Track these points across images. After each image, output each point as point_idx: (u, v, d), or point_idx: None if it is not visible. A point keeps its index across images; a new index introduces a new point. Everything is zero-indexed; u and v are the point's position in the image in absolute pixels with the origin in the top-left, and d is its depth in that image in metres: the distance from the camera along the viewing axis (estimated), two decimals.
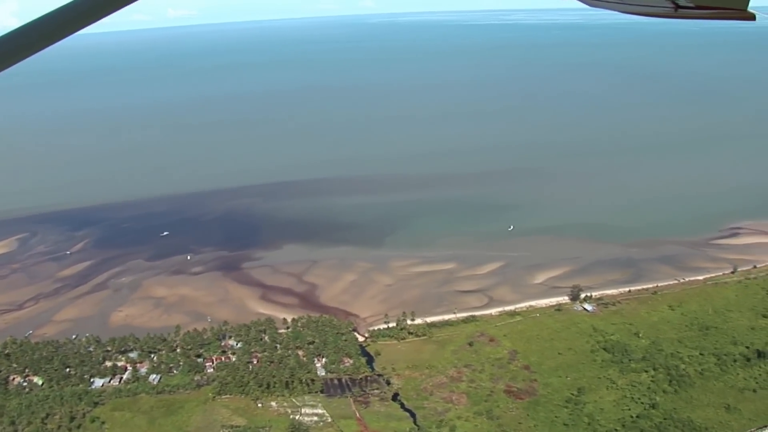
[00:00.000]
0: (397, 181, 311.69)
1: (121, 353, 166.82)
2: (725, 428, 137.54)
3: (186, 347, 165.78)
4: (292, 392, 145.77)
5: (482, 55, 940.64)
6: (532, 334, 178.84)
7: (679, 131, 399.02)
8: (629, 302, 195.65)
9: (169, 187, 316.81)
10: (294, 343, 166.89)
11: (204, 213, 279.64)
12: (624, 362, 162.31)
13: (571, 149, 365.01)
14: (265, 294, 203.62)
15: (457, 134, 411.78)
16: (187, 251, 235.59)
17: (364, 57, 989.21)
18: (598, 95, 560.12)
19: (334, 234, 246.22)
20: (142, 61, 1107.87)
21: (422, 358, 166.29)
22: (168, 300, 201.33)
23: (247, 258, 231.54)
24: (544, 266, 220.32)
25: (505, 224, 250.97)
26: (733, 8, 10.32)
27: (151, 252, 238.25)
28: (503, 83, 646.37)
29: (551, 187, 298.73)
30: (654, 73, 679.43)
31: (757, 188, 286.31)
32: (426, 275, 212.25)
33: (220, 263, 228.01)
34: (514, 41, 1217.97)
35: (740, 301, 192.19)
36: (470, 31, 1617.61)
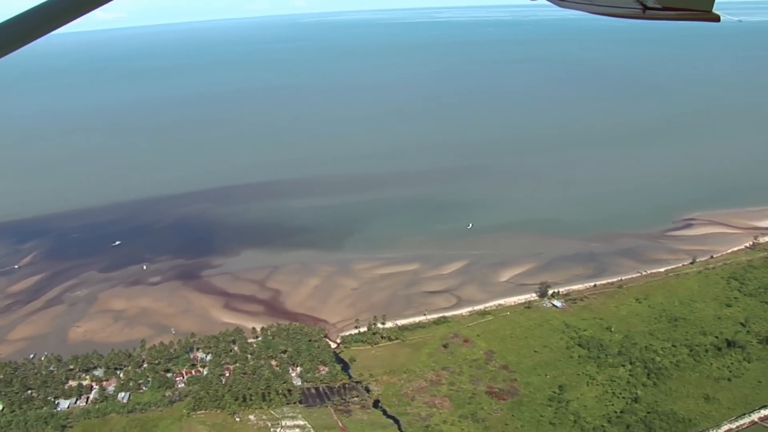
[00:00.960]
0: (349, 182, 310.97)
1: (85, 371, 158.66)
2: (707, 419, 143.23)
3: (153, 362, 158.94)
4: (270, 404, 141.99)
5: (418, 53, 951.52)
6: (505, 333, 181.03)
7: (621, 125, 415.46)
8: (596, 297, 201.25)
9: (116, 195, 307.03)
10: (266, 352, 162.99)
11: (155, 220, 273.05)
12: (601, 357, 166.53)
13: (518, 145, 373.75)
14: (229, 303, 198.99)
15: (402, 133, 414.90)
16: (142, 261, 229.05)
17: (300, 57, 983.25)
18: (537, 91, 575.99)
19: (292, 238, 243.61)
20: (72, 66, 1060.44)
21: (399, 363, 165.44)
22: (128, 313, 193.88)
23: (206, 266, 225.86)
24: (508, 264, 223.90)
25: (462, 222, 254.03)
26: (699, 10, 10.85)
27: (104, 263, 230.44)
28: (442, 81, 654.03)
29: (504, 183, 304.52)
30: (588, 69, 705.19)
31: (704, 179, 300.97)
32: (391, 277, 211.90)
33: (178, 272, 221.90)
34: (448, 39, 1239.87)
35: (703, 292, 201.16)
36: (403, 30, 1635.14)
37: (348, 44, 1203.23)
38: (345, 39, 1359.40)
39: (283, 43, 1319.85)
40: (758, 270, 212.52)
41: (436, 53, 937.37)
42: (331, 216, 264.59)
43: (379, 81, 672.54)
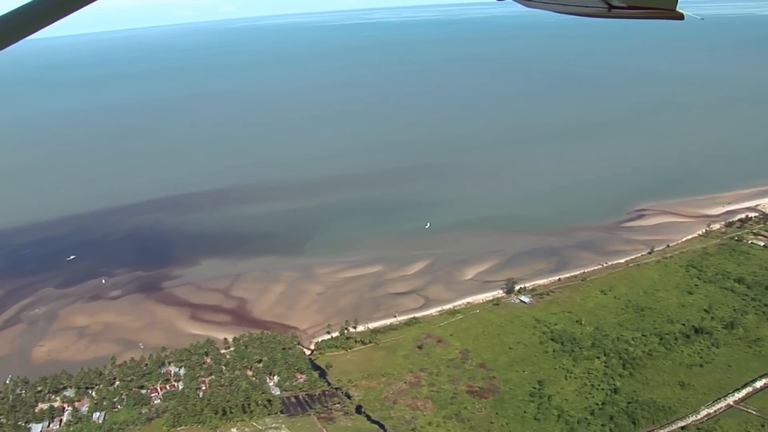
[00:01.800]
0: (301, 186, 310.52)
1: (55, 393, 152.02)
2: (685, 405, 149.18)
3: (126, 379, 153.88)
4: (252, 416, 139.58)
5: (353, 55, 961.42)
6: (477, 331, 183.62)
7: (565, 120, 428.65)
8: (562, 290, 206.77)
9: (65, 207, 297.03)
10: (241, 363, 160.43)
11: (109, 232, 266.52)
12: (575, 351, 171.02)
13: (465, 143, 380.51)
14: (195, 313, 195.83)
15: (348, 135, 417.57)
16: (100, 274, 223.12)
17: (237, 62, 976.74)
18: (478, 89, 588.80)
19: (251, 244, 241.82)
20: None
21: (375, 366, 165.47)
22: (91, 329, 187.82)
23: (166, 277, 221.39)
24: (470, 261, 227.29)
25: (420, 222, 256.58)
26: (663, 8, 11.23)
27: (60, 278, 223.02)
28: (382, 82, 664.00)
29: (456, 181, 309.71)
30: (525, 65, 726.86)
31: (651, 171, 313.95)
32: (355, 280, 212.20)
33: (139, 284, 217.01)
34: (380, 40, 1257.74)
35: (664, 281, 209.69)
36: (335, 32, 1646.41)
37: (282, 48, 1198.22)
38: (278, 43, 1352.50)
39: (217, 48, 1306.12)
40: (714, 257, 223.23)
41: (371, 55, 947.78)
42: (288, 221, 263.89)
43: (318, 84, 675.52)
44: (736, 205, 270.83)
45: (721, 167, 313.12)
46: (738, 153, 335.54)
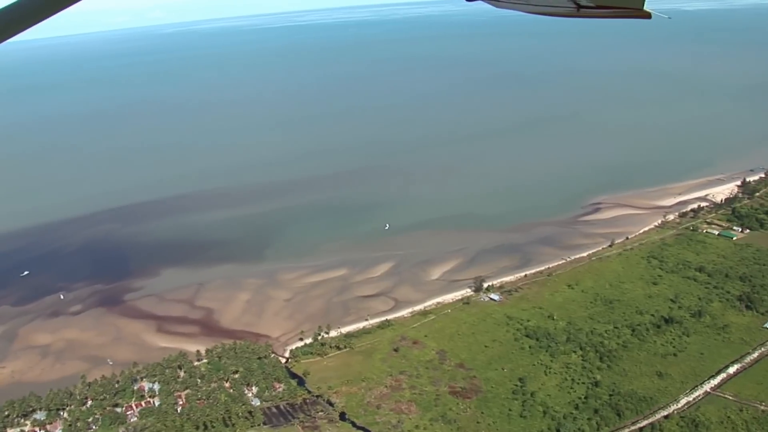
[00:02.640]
0: (255, 191, 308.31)
1: (24, 416, 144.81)
2: (665, 394, 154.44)
3: (98, 398, 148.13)
4: (234, 429, 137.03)
5: (288, 59, 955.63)
6: (451, 331, 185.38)
7: (510, 116, 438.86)
8: (530, 286, 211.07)
9: (12, 222, 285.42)
10: (216, 375, 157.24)
11: (62, 246, 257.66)
12: (551, 346, 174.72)
13: (413, 143, 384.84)
14: (161, 326, 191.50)
15: (293, 139, 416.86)
16: (57, 290, 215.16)
17: (171, 69, 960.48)
18: (418, 88, 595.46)
19: (210, 252, 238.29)
20: None
21: (354, 372, 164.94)
22: (55, 347, 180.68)
23: (127, 289, 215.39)
24: (435, 261, 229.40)
25: (378, 223, 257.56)
26: (631, 7, 11.84)
27: (16, 295, 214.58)
28: (320, 84, 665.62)
29: (409, 181, 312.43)
30: (462, 63, 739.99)
31: (601, 164, 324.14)
32: (321, 285, 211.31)
33: (100, 298, 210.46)
34: (315, 42, 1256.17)
35: (628, 273, 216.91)
36: (268, 35, 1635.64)
37: (215, 53, 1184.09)
38: (211, 48, 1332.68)
39: (151, 55, 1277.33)
40: (672, 247, 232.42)
41: (306, 58, 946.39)
42: (244, 227, 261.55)
43: (255, 89, 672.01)
44: (687, 195, 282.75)
45: (669, 159, 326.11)
46: (683, 145, 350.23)
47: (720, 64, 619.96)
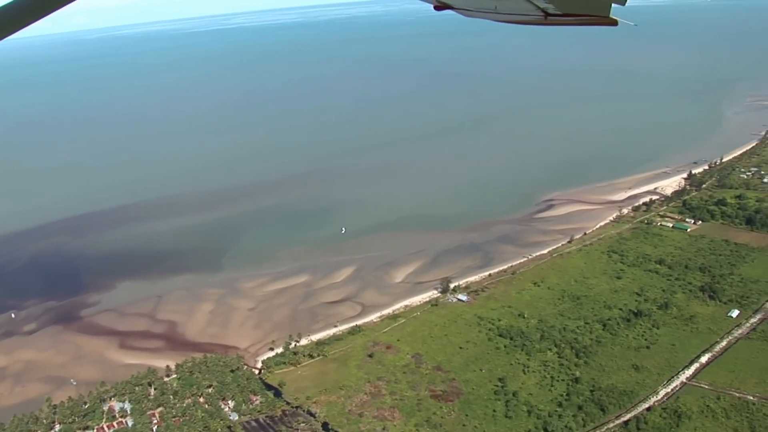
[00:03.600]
0: (204, 199, 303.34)
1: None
2: (644, 387, 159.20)
3: (66, 421, 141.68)
4: None
5: (221, 62, 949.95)
6: (423, 333, 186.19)
7: (454, 115, 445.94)
8: (496, 286, 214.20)
9: None
10: (189, 390, 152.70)
11: (7, 261, 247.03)
12: (526, 345, 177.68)
13: (360, 144, 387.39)
14: (124, 341, 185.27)
15: (238, 143, 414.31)
16: (7, 308, 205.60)
17: (100, 75, 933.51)
18: (357, 90, 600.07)
19: (165, 263, 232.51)
20: None
21: (330, 380, 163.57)
22: (12, 369, 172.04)
23: (83, 304, 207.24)
24: (397, 264, 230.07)
25: (334, 227, 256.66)
26: (597, 15, 12.57)
27: None
28: (257, 88, 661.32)
29: (360, 184, 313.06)
30: (398, 64, 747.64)
31: (548, 161, 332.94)
32: (284, 292, 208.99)
33: (54, 315, 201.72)
34: (245, 45, 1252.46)
35: (590, 268, 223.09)
36: (195, 39, 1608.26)
37: (144, 59, 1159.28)
38: (139, 54, 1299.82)
39: (77, 62, 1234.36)
40: (630, 241, 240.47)
41: (239, 61, 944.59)
42: (199, 235, 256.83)
43: (191, 95, 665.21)
44: (637, 189, 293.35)
45: (615, 155, 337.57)
46: (628, 140, 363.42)
47: (652, 59, 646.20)
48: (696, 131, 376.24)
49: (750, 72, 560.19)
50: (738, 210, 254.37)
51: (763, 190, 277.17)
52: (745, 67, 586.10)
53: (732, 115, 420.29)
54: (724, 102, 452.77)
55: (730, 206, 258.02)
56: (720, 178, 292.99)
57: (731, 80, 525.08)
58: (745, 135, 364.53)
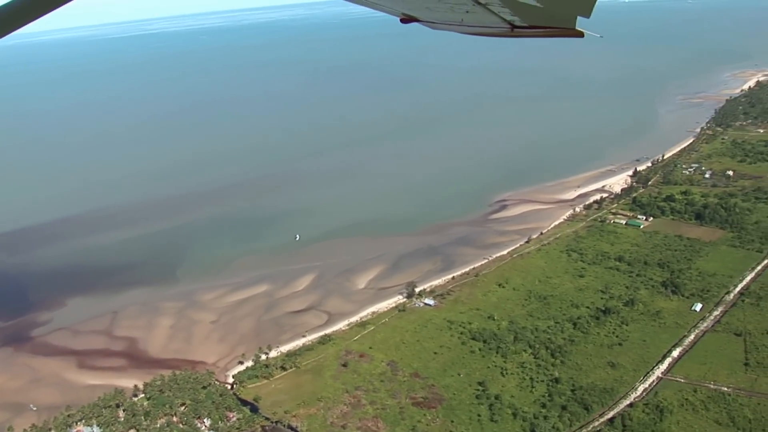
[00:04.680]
0: (147, 208, 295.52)
1: None
2: (622, 384, 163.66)
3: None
4: None
5: (145, 69, 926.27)
6: (395, 340, 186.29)
7: (393, 118, 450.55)
8: (460, 288, 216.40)
9: None
10: (162, 410, 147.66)
11: None
12: (501, 347, 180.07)
13: (301, 149, 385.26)
14: (83, 361, 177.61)
15: (174, 150, 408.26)
16: None
17: (21, 82, 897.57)
18: (291, 94, 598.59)
19: (116, 277, 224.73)
20: None
21: (307, 392, 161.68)
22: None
23: (32, 324, 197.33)
24: (357, 270, 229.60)
25: (287, 234, 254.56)
26: (564, 27, 13.07)
27: None
28: (183, 93, 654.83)
29: (309, 189, 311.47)
30: (329, 67, 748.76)
31: (495, 162, 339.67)
32: (246, 303, 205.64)
33: (2, 337, 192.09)
34: (168, 50, 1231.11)
35: (552, 267, 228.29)
36: (117, 45, 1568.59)
37: (65, 66, 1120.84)
38: (58, 61, 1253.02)
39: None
40: (587, 240, 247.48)
41: (162, 67, 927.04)
42: (148, 247, 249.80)
43: (118, 102, 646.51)
44: (586, 188, 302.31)
45: (560, 154, 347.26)
46: (570, 140, 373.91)
47: (584, 59, 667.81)
48: (634, 129, 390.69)
49: (677, 72, 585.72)
50: (686, 206, 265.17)
51: (705, 186, 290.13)
52: (673, 67, 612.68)
53: (666, 113, 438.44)
54: (657, 101, 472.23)
55: (678, 202, 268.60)
56: (664, 175, 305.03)
57: (661, 79, 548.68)
58: (681, 132, 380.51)
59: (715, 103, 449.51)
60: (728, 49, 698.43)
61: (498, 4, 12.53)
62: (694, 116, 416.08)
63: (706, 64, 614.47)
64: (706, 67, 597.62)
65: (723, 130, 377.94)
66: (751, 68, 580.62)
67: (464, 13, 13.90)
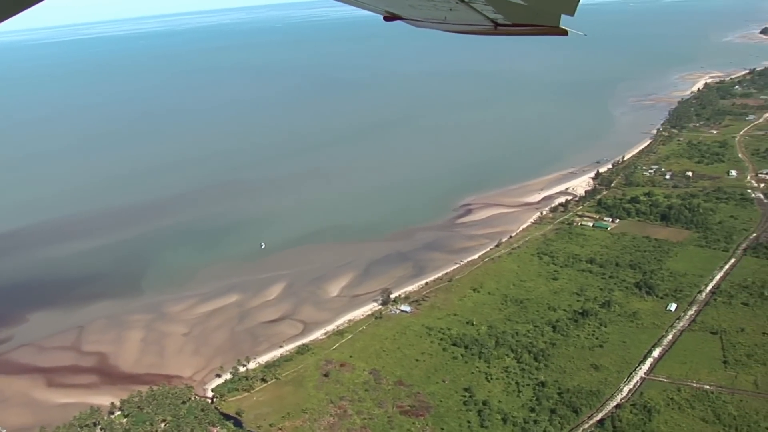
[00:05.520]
0: (107, 217, 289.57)
1: None
2: (607, 385, 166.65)
3: None
4: None
5: (86, 73, 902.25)
6: (375, 348, 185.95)
7: (349, 123, 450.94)
8: (435, 294, 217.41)
9: None
10: (142, 427, 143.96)
11: None
12: (483, 352, 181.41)
13: (260, 155, 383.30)
14: (52, 379, 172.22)
15: (126, 158, 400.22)
16: None
17: None
18: (241, 99, 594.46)
19: (79, 290, 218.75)
20: None
21: (291, 404, 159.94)
22: None
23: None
24: (328, 277, 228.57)
25: (251, 242, 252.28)
26: (547, 25, 13.37)
27: None
28: (129, 100, 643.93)
29: (270, 195, 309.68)
30: (276, 72, 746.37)
31: (454, 166, 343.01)
32: (217, 314, 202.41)
33: None
34: (108, 56, 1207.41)
35: (525, 271, 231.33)
36: (49, 51, 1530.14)
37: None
38: None
39: None
40: (556, 242, 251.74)
41: (102, 72, 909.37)
42: (110, 258, 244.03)
43: (60, 109, 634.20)
44: (549, 190, 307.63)
45: (520, 157, 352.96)
46: (528, 142, 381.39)
47: (530, 61, 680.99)
48: (591, 131, 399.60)
49: (626, 73, 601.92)
50: (651, 207, 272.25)
51: (667, 187, 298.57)
52: (622, 69, 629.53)
53: (620, 115, 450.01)
54: (609, 103, 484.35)
55: (643, 204, 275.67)
56: (626, 176, 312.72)
57: (611, 81, 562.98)
58: (636, 134, 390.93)
59: (667, 105, 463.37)
60: (674, 52, 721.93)
61: (481, 1, 12.75)
62: (647, 118, 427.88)
63: (653, 67, 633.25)
64: (654, 70, 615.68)
65: (678, 132, 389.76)
66: (698, 70, 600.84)
67: (448, 10, 14.11)
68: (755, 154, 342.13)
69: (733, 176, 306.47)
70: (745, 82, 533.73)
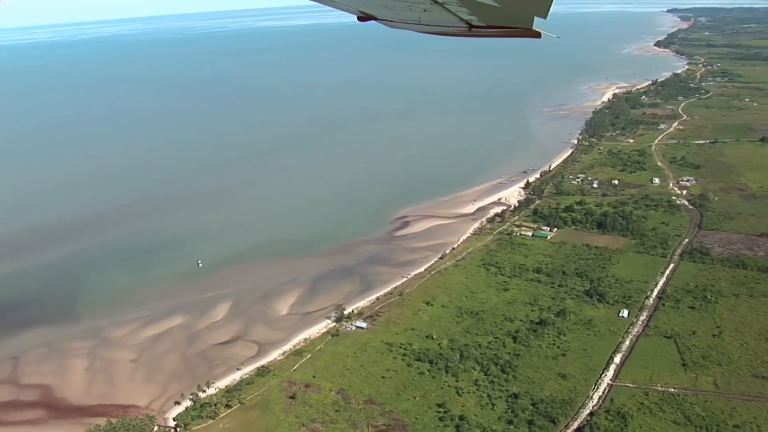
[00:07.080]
0: (26, 237, 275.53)
1: None
2: (577, 394, 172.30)
3: None
4: None
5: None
6: (338, 367, 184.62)
7: (264, 136, 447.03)
8: (389, 309, 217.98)
9: None
10: None
11: None
12: (450, 366, 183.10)
13: (182, 170, 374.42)
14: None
15: (40, 171, 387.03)
16: None
17: None
18: (152, 110, 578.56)
19: (8, 317, 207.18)
20: None
21: (261, 429, 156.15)
22: None
23: None
24: (274, 295, 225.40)
25: (188, 260, 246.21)
26: (521, 27, 14.23)
27: None
28: (30, 113, 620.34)
29: (200, 210, 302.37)
30: (181, 83, 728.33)
31: (381, 178, 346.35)
32: (164, 337, 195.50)
33: None
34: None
35: (474, 283, 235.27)
36: None
37: None
38: None
39: None
40: (500, 253, 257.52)
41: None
42: (37, 280, 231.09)
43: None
44: (482, 201, 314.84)
45: (447, 169, 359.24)
46: (452, 154, 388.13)
47: (436, 72, 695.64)
48: (512, 142, 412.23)
49: (536, 85, 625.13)
50: (585, 215, 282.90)
51: (597, 195, 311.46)
52: (531, 80, 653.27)
53: (537, 125, 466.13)
54: (525, 113, 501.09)
55: (577, 212, 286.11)
56: (556, 185, 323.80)
57: (523, 92, 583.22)
58: (557, 143, 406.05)
59: (581, 115, 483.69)
60: (579, 63, 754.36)
61: (455, 3, 13.27)
62: (565, 128, 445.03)
63: (561, 78, 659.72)
64: (562, 80, 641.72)
65: (597, 141, 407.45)
66: (605, 81, 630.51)
67: (422, 11, 14.86)
68: (673, 162, 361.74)
69: (656, 184, 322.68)
70: (650, 92, 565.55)
